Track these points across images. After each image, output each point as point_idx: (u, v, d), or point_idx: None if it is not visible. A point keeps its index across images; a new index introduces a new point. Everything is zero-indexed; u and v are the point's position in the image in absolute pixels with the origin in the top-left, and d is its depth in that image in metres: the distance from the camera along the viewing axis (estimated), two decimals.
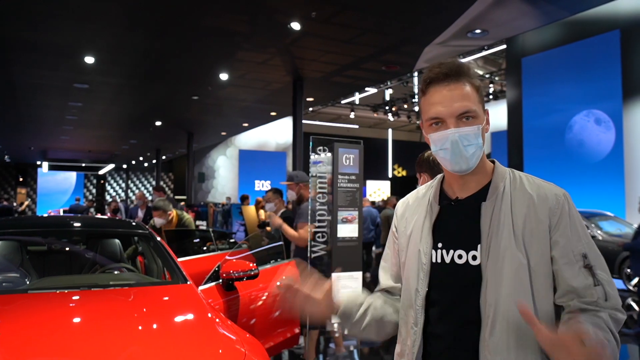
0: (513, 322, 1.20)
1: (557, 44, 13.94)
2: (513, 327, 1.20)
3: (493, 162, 1.37)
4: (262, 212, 10.67)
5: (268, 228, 6.82)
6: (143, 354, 2.14)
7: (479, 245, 1.27)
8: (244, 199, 13.68)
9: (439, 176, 1.44)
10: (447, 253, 1.31)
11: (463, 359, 1.27)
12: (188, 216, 6.72)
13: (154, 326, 2.50)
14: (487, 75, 21.48)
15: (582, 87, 13.26)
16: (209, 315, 2.65)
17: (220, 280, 3.44)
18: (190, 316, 2.74)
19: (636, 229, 6.38)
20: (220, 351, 2.28)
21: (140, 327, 2.41)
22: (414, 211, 1.43)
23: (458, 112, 1.26)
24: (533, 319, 1.09)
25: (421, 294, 1.33)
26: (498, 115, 20.16)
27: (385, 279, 1.52)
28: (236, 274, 3.35)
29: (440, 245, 1.33)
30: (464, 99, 1.26)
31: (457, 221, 1.33)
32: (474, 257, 1.27)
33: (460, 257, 1.30)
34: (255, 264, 3.48)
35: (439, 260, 1.32)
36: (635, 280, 8.64)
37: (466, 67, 1.29)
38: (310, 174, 4.61)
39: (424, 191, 1.45)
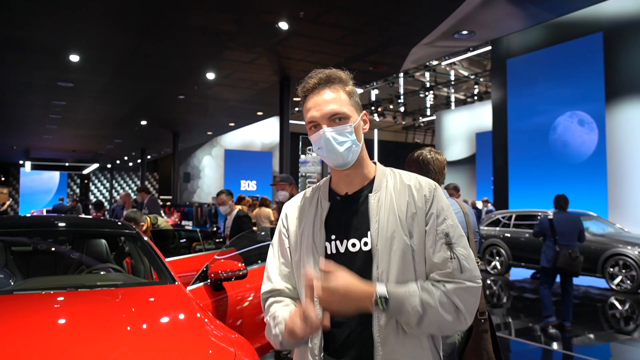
0: None
1: (542, 46, 14.10)
2: None
3: (375, 163, 1.54)
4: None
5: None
6: (132, 355, 2.12)
7: (369, 232, 1.41)
8: None
9: (326, 177, 1.58)
10: (342, 243, 1.44)
11: (360, 343, 1.37)
12: (162, 220, 6.68)
13: (143, 327, 2.48)
14: (472, 77, 21.64)
15: (566, 88, 13.43)
16: (198, 315, 2.63)
17: (209, 281, 3.43)
18: (179, 316, 2.71)
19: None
20: (210, 351, 2.26)
21: (128, 328, 2.39)
22: (305, 210, 1.53)
23: (329, 115, 1.42)
24: (311, 282, 1.28)
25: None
26: (483, 116, 20.31)
27: (276, 277, 1.57)
28: (225, 274, 3.33)
29: (333, 237, 1.45)
30: (334, 103, 1.42)
31: (348, 213, 1.47)
32: (366, 244, 1.41)
33: (354, 245, 1.42)
34: (243, 264, 3.46)
35: (334, 251, 1.44)
36: (618, 279, 8.76)
37: (336, 75, 1.46)
38: (299, 174, 4.70)
39: (312, 192, 1.57)
